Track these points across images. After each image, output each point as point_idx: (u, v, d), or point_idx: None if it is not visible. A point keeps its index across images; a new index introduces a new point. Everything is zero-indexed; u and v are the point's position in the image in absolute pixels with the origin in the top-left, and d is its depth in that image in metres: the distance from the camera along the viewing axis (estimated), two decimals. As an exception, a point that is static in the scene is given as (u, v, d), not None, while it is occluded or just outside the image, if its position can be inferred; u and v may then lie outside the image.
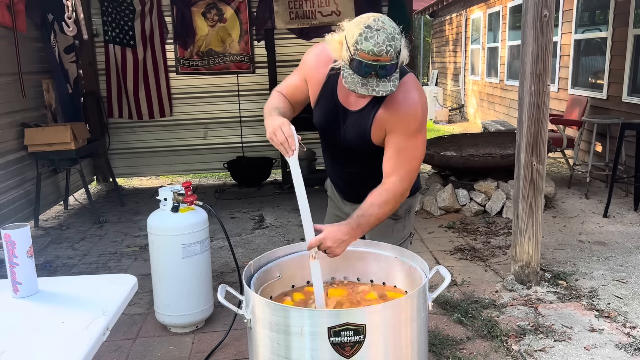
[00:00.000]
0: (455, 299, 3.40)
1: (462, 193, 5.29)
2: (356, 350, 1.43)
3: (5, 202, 4.80)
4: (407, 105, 1.81)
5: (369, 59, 1.61)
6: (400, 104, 1.81)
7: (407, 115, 1.81)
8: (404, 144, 1.83)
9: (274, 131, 1.73)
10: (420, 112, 1.83)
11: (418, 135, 1.84)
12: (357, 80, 1.66)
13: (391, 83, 1.67)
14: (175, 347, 2.98)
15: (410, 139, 1.83)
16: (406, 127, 1.81)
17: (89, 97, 6.50)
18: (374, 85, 1.66)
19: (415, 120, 1.82)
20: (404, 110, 1.81)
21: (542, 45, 3.31)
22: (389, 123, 1.83)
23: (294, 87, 2.03)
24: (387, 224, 2.10)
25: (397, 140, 1.83)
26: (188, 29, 6.55)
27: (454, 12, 14.09)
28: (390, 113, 1.82)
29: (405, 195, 1.89)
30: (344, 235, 1.73)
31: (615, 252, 4.12)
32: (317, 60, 1.96)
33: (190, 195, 2.90)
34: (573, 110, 6.82)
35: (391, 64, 1.64)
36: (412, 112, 1.81)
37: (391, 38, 1.62)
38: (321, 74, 1.94)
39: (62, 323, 1.44)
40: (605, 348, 2.82)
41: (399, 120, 1.81)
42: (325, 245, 1.70)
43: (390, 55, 1.62)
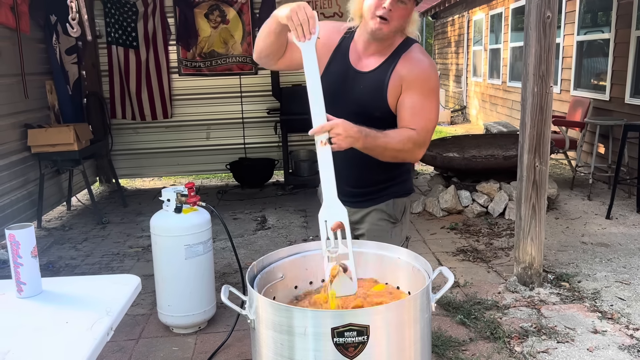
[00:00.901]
0: (458, 300, 3.40)
1: (465, 194, 5.28)
2: (359, 350, 1.42)
3: (8, 202, 4.81)
4: (422, 65, 1.87)
5: None
6: (416, 62, 1.86)
7: (422, 74, 1.85)
8: (421, 102, 1.84)
9: (296, 10, 1.62)
10: (433, 74, 1.88)
11: (432, 97, 1.87)
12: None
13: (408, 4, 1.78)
14: (178, 348, 2.98)
15: (426, 97, 1.85)
16: (421, 84, 1.84)
17: (92, 98, 6.52)
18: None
19: (429, 81, 1.86)
20: (419, 67, 1.86)
21: (545, 46, 3.31)
22: (406, 80, 1.85)
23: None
24: (385, 228, 2.09)
25: (414, 98, 1.84)
26: (190, 30, 6.56)
27: (456, 13, 14.09)
28: (407, 68, 1.85)
29: (419, 152, 1.87)
30: (356, 132, 1.68)
31: (618, 254, 4.11)
32: (331, 28, 1.99)
33: (193, 196, 2.91)
34: (575, 111, 6.81)
35: None
36: (427, 72, 1.87)
37: None
38: (334, 39, 1.96)
39: (66, 323, 1.44)
40: (609, 350, 2.81)
41: (415, 76, 1.84)
42: (336, 131, 1.64)
43: None
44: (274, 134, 6.81)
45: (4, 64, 4.84)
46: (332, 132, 1.65)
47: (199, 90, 6.86)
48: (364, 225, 2.10)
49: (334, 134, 1.65)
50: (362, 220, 2.11)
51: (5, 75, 4.86)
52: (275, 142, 6.88)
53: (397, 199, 2.07)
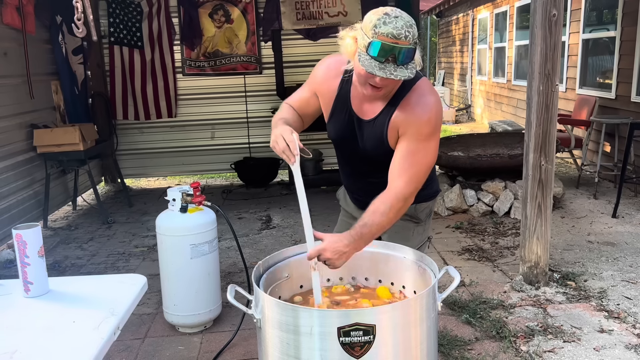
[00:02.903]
0: (464, 299, 3.39)
1: (470, 193, 5.27)
2: (366, 350, 1.42)
3: (14, 202, 4.83)
4: (421, 108, 1.78)
5: (388, 41, 1.59)
6: (414, 106, 1.78)
7: (421, 118, 1.77)
8: (414, 146, 1.78)
9: (276, 139, 1.72)
10: (434, 117, 1.79)
11: (430, 140, 1.79)
12: (374, 64, 1.62)
13: (408, 70, 1.64)
14: (183, 347, 2.99)
15: (421, 142, 1.78)
16: (418, 129, 1.77)
17: (97, 98, 6.54)
18: (391, 70, 1.62)
19: (428, 124, 1.78)
20: (418, 112, 1.77)
21: (551, 44, 3.29)
22: (402, 125, 1.79)
23: (304, 100, 1.99)
24: (408, 226, 2.07)
25: (408, 143, 1.78)
26: (195, 30, 6.57)
27: (461, 12, 14.06)
28: (404, 115, 1.78)
29: (410, 200, 1.82)
30: (345, 247, 1.68)
31: (624, 253, 4.09)
32: (326, 73, 1.93)
33: (198, 195, 2.91)
34: (581, 110, 6.78)
35: (409, 49, 1.62)
36: (426, 115, 1.78)
37: (409, 25, 1.62)
38: (333, 85, 1.91)
39: (73, 322, 1.45)
40: (615, 349, 2.80)
41: (412, 122, 1.77)
42: (325, 256, 1.67)
43: (409, 39, 1.61)
44: (279, 134, 6.80)
45: (10, 64, 4.86)
46: (320, 258, 1.69)
47: (204, 90, 6.87)
48: None
49: (324, 259, 1.69)
50: None
51: (11, 75, 4.88)
52: (280, 141, 6.87)
53: (419, 204, 2.04)
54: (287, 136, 1.71)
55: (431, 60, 18.65)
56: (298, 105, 2.00)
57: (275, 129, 1.78)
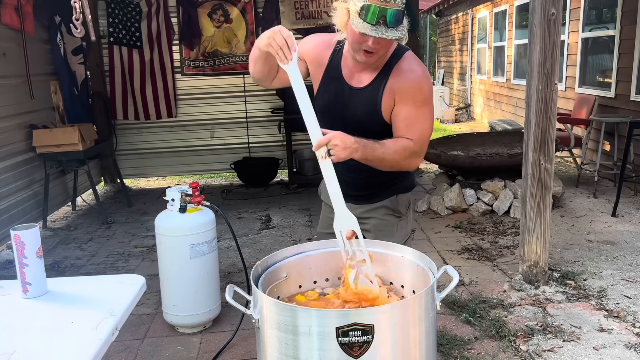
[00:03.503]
0: (463, 298, 3.39)
1: (469, 193, 5.27)
2: (364, 350, 1.42)
3: (14, 203, 4.83)
4: (413, 76, 1.88)
5: (378, 4, 1.67)
6: (406, 73, 1.87)
7: (414, 85, 1.87)
8: (414, 112, 1.87)
9: (272, 35, 1.69)
10: (426, 84, 1.89)
11: (425, 106, 1.89)
12: (367, 26, 1.70)
13: (399, 31, 1.73)
14: (183, 347, 2.99)
15: (418, 108, 1.87)
16: (413, 96, 1.86)
17: (97, 98, 6.53)
18: (383, 31, 1.70)
19: (421, 91, 1.88)
20: (411, 79, 1.87)
21: (550, 43, 3.29)
22: (398, 93, 1.87)
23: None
24: (391, 222, 2.12)
25: (407, 110, 1.87)
26: (194, 29, 6.57)
27: (460, 11, 14.05)
28: (399, 82, 1.87)
29: (415, 161, 1.91)
30: (352, 143, 1.72)
31: (624, 252, 4.09)
32: (318, 43, 1.99)
33: (197, 195, 2.91)
34: (581, 109, 6.78)
35: (398, 10, 1.70)
36: (418, 83, 1.88)
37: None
38: (324, 56, 1.96)
39: (72, 323, 1.44)
40: (615, 348, 2.80)
41: (407, 89, 1.86)
42: (333, 142, 1.68)
43: (397, 2, 1.69)
44: (278, 133, 6.82)
45: (9, 64, 4.86)
46: (329, 144, 1.69)
47: (203, 89, 6.87)
48: (370, 221, 2.12)
49: (332, 145, 1.69)
50: (367, 215, 2.12)
51: (10, 76, 4.88)
52: (279, 141, 6.89)
53: (400, 195, 2.11)
54: (284, 32, 1.69)
55: (431, 60, 18.65)
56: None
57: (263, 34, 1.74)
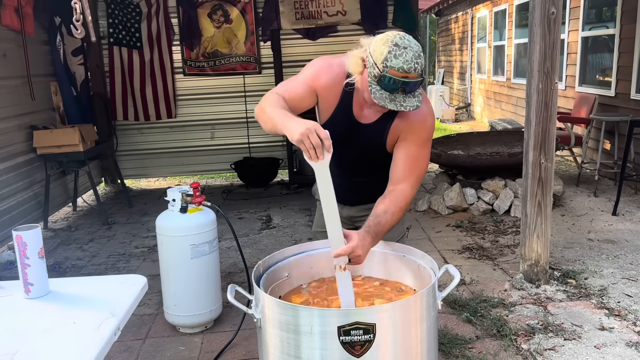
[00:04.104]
0: (464, 298, 3.39)
1: (470, 192, 5.27)
2: (366, 349, 1.42)
3: (14, 204, 4.83)
4: (421, 116, 1.90)
5: (398, 76, 1.66)
6: (414, 114, 1.87)
7: (420, 125, 1.90)
8: (416, 151, 1.90)
9: (307, 134, 1.55)
10: (429, 123, 1.93)
11: (428, 145, 1.94)
12: (385, 95, 1.70)
13: (416, 99, 1.74)
14: (184, 347, 2.99)
15: (421, 147, 1.91)
16: (418, 135, 1.90)
17: (97, 99, 6.54)
18: (401, 101, 1.72)
19: (426, 130, 1.92)
20: (419, 120, 1.90)
21: (550, 42, 3.29)
22: (403, 131, 1.90)
23: (298, 96, 1.90)
24: None
25: (409, 148, 1.90)
26: (194, 30, 6.57)
27: (460, 10, 14.05)
28: (404, 122, 1.90)
29: (408, 206, 1.97)
30: (369, 244, 1.76)
31: (624, 250, 4.09)
32: (331, 78, 1.90)
33: (198, 196, 2.91)
34: (581, 108, 6.78)
35: (417, 81, 1.70)
36: (424, 122, 1.91)
37: (417, 56, 1.68)
38: (336, 92, 1.92)
39: (74, 323, 1.45)
40: (616, 347, 2.80)
41: (413, 128, 1.89)
42: (357, 253, 1.67)
43: (417, 72, 1.69)
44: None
45: (9, 65, 4.87)
46: (353, 254, 1.68)
47: (203, 90, 6.87)
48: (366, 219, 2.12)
49: (356, 255, 1.69)
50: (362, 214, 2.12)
51: (10, 77, 4.88)
52: (280, 141, 6.89)
53: None
54: (321, 133, 1.56)
55: (430, 59, 18.64)
56: (290, 98, 1.89)
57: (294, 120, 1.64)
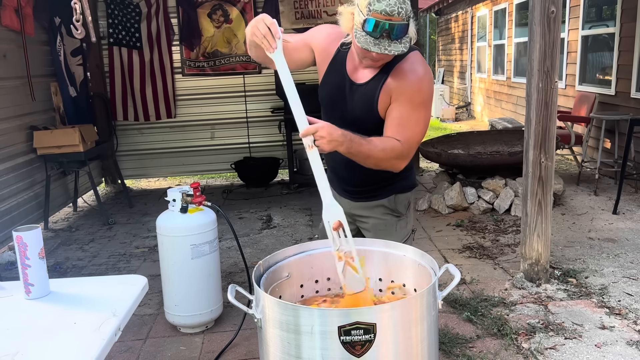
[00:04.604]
0: (465, 297, 3.39)
1: (470, 191, 5.27)
2: (367, 349, 1.42)
3: (15, 204, 4.83)
4: (415, 76, 1.84)
5: (382, 18, 1.66)
6: (407, 74, 1.84)
7: (412, 86, 1.83)
8: (407, 113, 1.83)
9: (256, 24, 1.67)
10: (425, 86, 1.85)
11: (421, 109, 1.85)
12: (369, 40, 1.70)
13: (402, 45, 1.72)
14: (185, 347, 2.99)
15: (413, 110, 1.83)
16: (410, 96, 1.83)
17: (97, 99, 6.54)
18: (386, 45, 1.70)
19: (419, 93, 1.84)
20: (410, 80, 1.84)
21: (550, 41, 3.29)
22: (395, 92, 1.84)
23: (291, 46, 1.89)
24: (391, 222, 2.10)
25: (400, 109, 1.84)
26: (194, 30, 6.57)
27: (460, 9, 14.05)
28: (397, 82, 1.84)
29: (401, 163, 1.88)
30: (339, 136, 1.69)
31: (625, 249, 4.09)
32: (328, 35, 1.99)
33: (198, 195, 2.91)
34: (581, 106, 6.78)
35: (402, 24, 1.68)
36: (417, 84, 1.84)
37: (402, 1, 1.68)
38: (331, 48, 1.96)
39: (74, 324, 1.45)
40: (617, 345, 2.80)
41: (404, 89, 1.83)
42: (320, 134, 1.66)
43: (402, 16, 1.67)
44: (279, 133, 6.82)
45: (9, 66, 4.87)
46: (316, 135, 1.67)
47: (203, 90, 6.88)
48: (369, 220, 2.12)
49: (318, 137, 1.67)
50: (366, 214, 2.12)
51: (10, 77, 4.88)
52: (280, 141, 6.89)
53: (399, 195, 2.09)
54: (267, 19, 1.67)
55: (431, 58, 18.64)
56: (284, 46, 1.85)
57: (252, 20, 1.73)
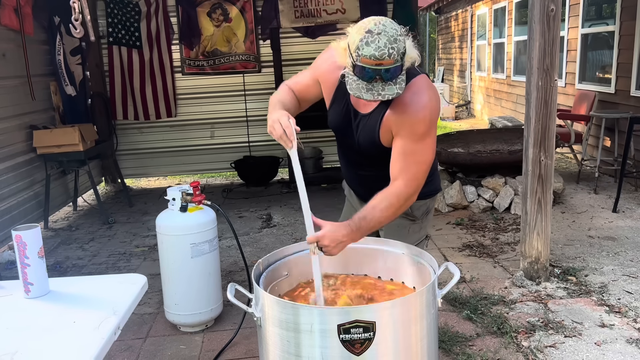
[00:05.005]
0: (465, 295, 3.39)
1: (470, 190, 5.27)
2: (366, 347, 1.43)
3: (15, 204, 4.83)
4: (415, 108, 1.75)
5: (371, 64, 1.59)
6: (407, 106, 1.75)
7: (414, 118, 1.76)
8: (411, 147, 1.78)
9: (273, 124, 1.72)
10: (428, 115, 1.76)
11: (426, 139, 1.78)
12: (361, 86, 1.64)
13: (397, 86, 1.64)
14: (185, 346, 2.99)
15: (417, 142, 1.77)
16: (412, 130, 1.76)
17: (97, 98, 6.53)
18: (379, 90, 1.63)
19: (422, 124, 1.76)
20: (411, 112, 1.75)
21: (549, 39, 3.29)
22: (395, 125, 1.78)
23: (304, 85, 2.00)
24: (403, 224, 2.08)
25: (403, 144, 1.78)
26: (194, 29, 6.57)
27: (460, 8, 14.03)
28: (397, 115, 1.77)
29: (412, 199, 1.83)
30: (343, 236, 1.69)
31: (625, 247, 4.09)
32: (328, 65, 1.93)
33: (198, 194, 2.91)
34: (581, 105, 6.77)
35: (395, 67, 1.61)
36: (420, 115, 1.76)
37: (393, 40, 1.59)
38: (334, 78, 1.91)
39: (74, 323, 1.45)
40: (616, 343, 2.80)
41: (406, 123, 1.76)
42: (322, 243, 1.68)
43: (393, 57, 1.59)
44: (278, 132, 6.81)
45: (8, 65, 4.86)
46: (319, 244, 1.69)
47: (203, 89, 6.87)
48: None
49: (322, 245, 1.69)
50: None
51: (10, 77, 4.88)
52: (280, 140, 6.88)
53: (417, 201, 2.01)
54: (283, 121, 1.70)
55: (430, 57, 18.62)
56: (298, 89, 2.00)
57: (272, 113, 1.78)
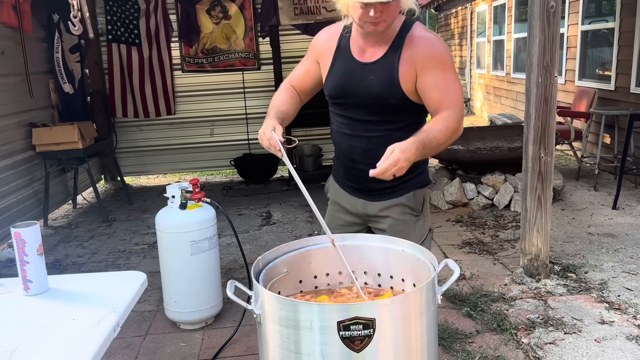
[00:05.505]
0: (464, 292, 3.39)
1: (470, 187, 5.27)
2: (366, 344, 1.42)
3: (14, 201, 4.83)
4: (431, 41, 1.85)
5: None
6: (422, 41, 1.83)
7: (433, 51, 1.84)
8: (442, 77, 1.82)
9: (260, 136, 1.91)
10: (442, 47, 1.86)
11: (450, 68, 1.85)
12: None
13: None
14: (185, 344, 2.99)
15: (445, 71, 1.83)
16: (436, 61, 1.82)
17: (96, 96, 6.53)
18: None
19: (445, 53, 1.85)
20: (427, 45, 1.83)
21: (549, 36, 3.28)
22: (417, 61, 1.82)
23: (302, 74, 2.07)
24: (409, 222, 2.05)
25: (434, 76, 1.82)
26: (193, 26, 6.56)
27: (459, 5, 14.01)
28: (415, 51, 1.83)
29: (461, 126, 1.84)
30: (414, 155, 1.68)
31: (625, 244, 4.10)
32: (324, 36, 2.01)
33: (198, 192, 2.91)
34: (581, 102, 6.77)
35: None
36: (438, 45, 1.85)
37: None
38: (332, 44, 1.97)
39: (73, 320, 1.45)
40: (616, 340, 2.81)
41: (426, 55, 1.82)
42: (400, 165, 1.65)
43: None
44: (278, 130, 6.81)
45: (7, 63, 4.86)
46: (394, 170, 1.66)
47: (202, 86, 6.87)
48: (386, 220, 2.05)
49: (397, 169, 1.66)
50: (383, 214, 2.05)
51: (9, 74, 4.87)
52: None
53: (417, 191, 2.03)
54: (267, 134, 1.88)
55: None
56: (296, 82, 2.07)
57: (264, 123, 1.93)
